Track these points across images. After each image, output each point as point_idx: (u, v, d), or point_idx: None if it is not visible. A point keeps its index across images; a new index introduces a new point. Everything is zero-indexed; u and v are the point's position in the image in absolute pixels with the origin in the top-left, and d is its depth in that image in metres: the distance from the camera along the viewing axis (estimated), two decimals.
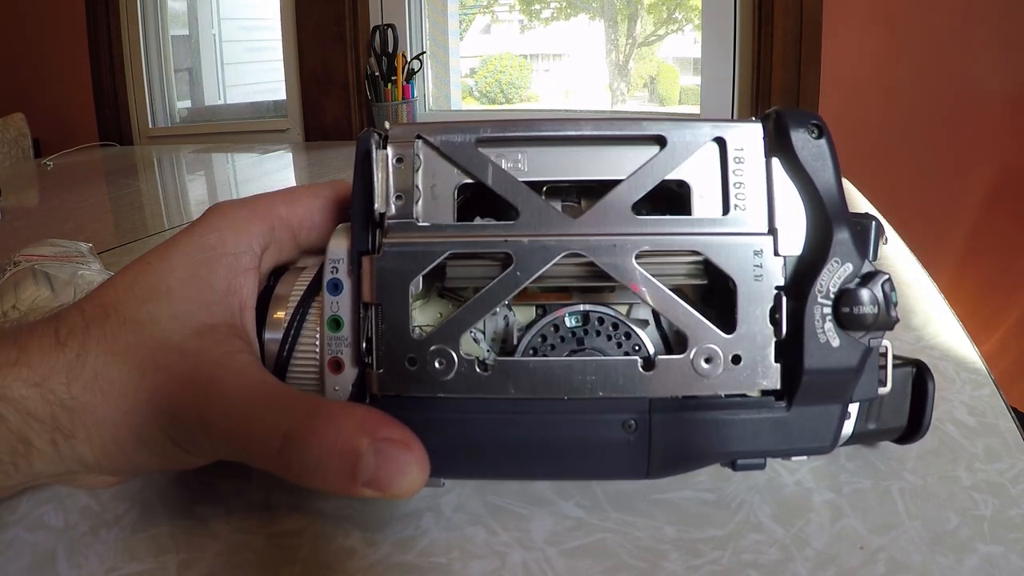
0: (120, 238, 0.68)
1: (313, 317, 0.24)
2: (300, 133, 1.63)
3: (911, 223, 0.72)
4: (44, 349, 0.21)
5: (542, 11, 1.73)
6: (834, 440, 0.23)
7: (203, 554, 0.22)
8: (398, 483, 0.19)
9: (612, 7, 1.66)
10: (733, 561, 0.21)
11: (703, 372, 0.22)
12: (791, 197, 0.22)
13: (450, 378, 0.22)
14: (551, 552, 0.22)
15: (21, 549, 0.22)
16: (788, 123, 0.22)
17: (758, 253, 0.22)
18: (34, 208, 0.92)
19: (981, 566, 0.21)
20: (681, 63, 1.67)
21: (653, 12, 1.66)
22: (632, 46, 1.68)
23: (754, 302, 0.22)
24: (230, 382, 0.21)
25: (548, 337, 0.23)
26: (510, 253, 0.22)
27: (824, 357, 0.22)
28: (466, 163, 0.22)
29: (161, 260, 0.23)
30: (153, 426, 0.21)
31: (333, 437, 0.19)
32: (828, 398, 0.22)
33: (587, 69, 1.74)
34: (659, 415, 0.22)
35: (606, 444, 0.22)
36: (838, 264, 0.22)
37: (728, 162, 0.22)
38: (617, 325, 0.23)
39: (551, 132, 0.23)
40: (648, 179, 0.22)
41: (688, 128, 0.22)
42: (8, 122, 1.55)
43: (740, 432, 0.22)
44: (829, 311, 0.22)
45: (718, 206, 0.23)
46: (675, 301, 0.22)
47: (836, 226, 0.22)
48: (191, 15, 1.86)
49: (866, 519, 0.23)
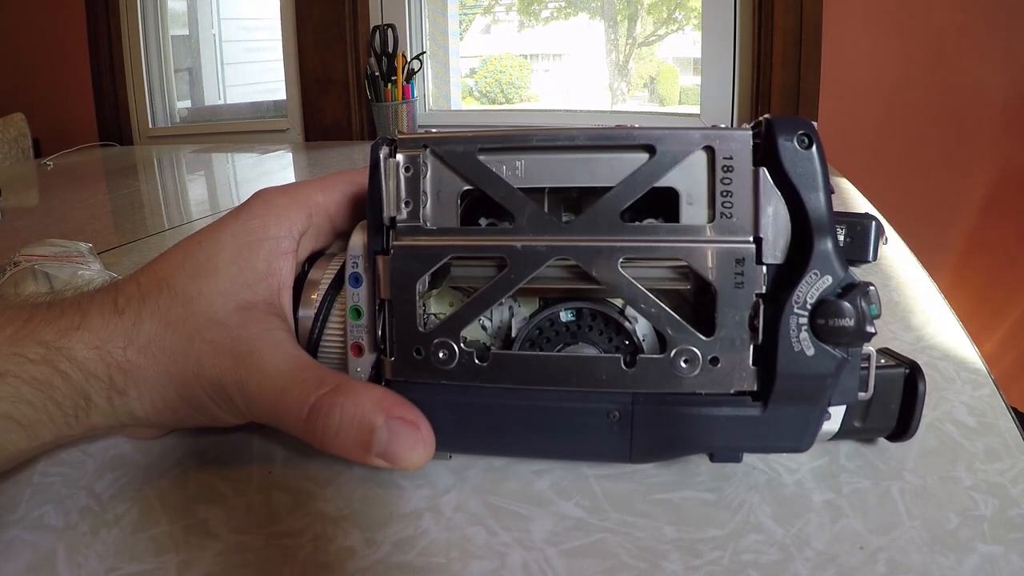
0: (120, 238, 0.68)
1: (340, 303, 0.27)
2: (300, 133, 1.63)
3: (911, 223, 0.72)
4: (104, 316, 0.24)
5: (541, 11, 1.73)
6: (809, 441, 0.24)
7: (203, 554, 0.22)
8: (405, 457, 0.23)
9: (612, 7, 1.66)
10: (733, 561, 0.21)
11: (681, 372, 0.23)
12: (778, 206, 0.23)
13: (452, 367, 0.24)
14: (551, 552, 0.22)
15: (21, 549, 0.22)
16: (777, 132, 0.22)
17: (740, 261, 0.23)
18: (34, 208, 0.92)
19: (981, 566, 0.21)
20: (681, 63, 1.67)
21: (653, 12, 1.66)
22: (632, 46, 1.68)
23: (734, 307, 0.23)
24: (267, 355, 0.24)
25: (544, 330, 0.25)
26: (505, 257, 0.24)
27: (798, 364, 0.22)
28: (468, 172, 0.24)
29: (209, 241, 0.26)
30: (197, 389, 0.24)
31: (352, 412, 0.22)
32: (804, 401, 0.23)
33: (587, 69, 1.74)
34: (641, 407, 0.24)
35: (592, 431, 0.24)
36: (817, 276, 0.22)
37: (716, 171, 0.23)
38: (608, 321, 0.25)
39: (547, 142, 0.24)
40: (637, 187, 0.23)
41: (678, 137, 0.23)
42: (8, 122, 1.55)
43: (717, 428, 0.24)
44: (805, 321, 0.22)
45: (705, 213, 0.23)
46: (656, 304, 0.23)
47: (818, 238, 0.22)
48: (191, 15, 1.86)
49: (866, 519, 0.23)
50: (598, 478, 0.25)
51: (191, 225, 0.73)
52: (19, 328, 0.23)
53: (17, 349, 0.22)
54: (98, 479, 0.26)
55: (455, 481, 0.25)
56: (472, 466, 0.26)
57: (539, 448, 0.26)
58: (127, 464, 0.27)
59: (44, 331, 0.23)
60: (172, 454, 0.28)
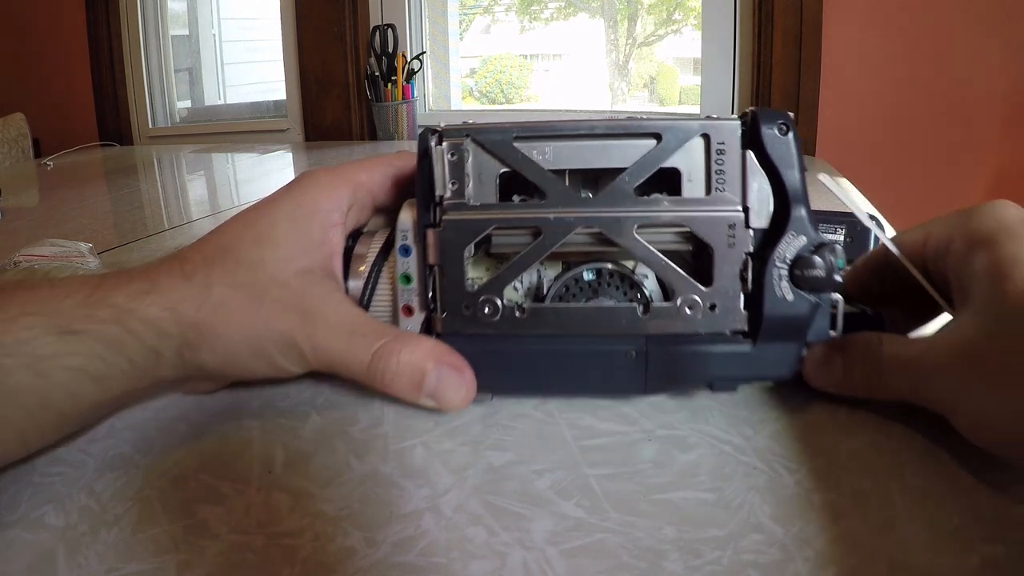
0: (120, 238, 0.68)
1: (385, 273, 0.31)
2: (300, 133, 1.63)
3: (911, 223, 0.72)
4: (173, 281, 0.26)
5: (541, 11, 1.72)
6: (792, 370, 0.29)
7: (203, 554, 0.22)
8: (451, 398, 0.28)
9: (612, 7, 1.66)
10: (733, 561, 0.21)
11: (686, 316, 0.29)
12: (762, 182, 0.28)
13: (496, 320, 0.29)
14: (551, 552, 0.22)
15: (21, 549, 0.22)
16: (760, 122, 0.28)
17: (732, 226, 0.28)
18: (34, 208, 0.92)
19: (981, 566, 0.21)
20: (681, 63, 1.67)
21: (653, 12, 1.66)
22: (632, 46, 1.68)
23: (728, 263, 0.28)
24: (332, 312, 0.28)
25: (570, 287, 0.30)
26: (539, 226, 0.28)
27: (780, 308, 0.28)
28: (505, 156, 0.29)
29: (266, 213, 0.29)
30: (267, 344, 0.27)
31: (408, 359, 0.27)
32: (786, 338, 0.29)
33: (587, 69, 1.74)
34: (654, 347, 0.29)
35: (613, 368, 0.29)
36: (794, 236, 0.28)
37: (711, 153, 0.28)
38: (623, 278, 0.30)
39: (571, 131, 0.29)
40: (647, 167, 0.28)
41: (680, 126, 0.28)
42: (8, 122, 1.55)
43: (716, 361, 0.29)
44: (785, 273, 0.28)
45: (703, 188, 0.28)
46: (665, 263, 0.29)
47: (794, 206, 0.28)
48: (191, 15, 1.86)
49: (866, 519, 0.23)
50: (598, 478, 0.25)
51: (191, 225, 0.73)
52: (90, 293, 0.25)
53: (89, 312, 0.24)
54: (98, 479, 0.26)
55: (455, 481, 0.25)
56: (472, 466, 0.26)
57: (568, 386, 0.30)
58: (127, 464, 0.27)
59: (114, 296, 0.25)
60: (172, 454, 0.28)
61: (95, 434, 0.29)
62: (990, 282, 0.24)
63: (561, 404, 0.31)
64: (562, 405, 0.31)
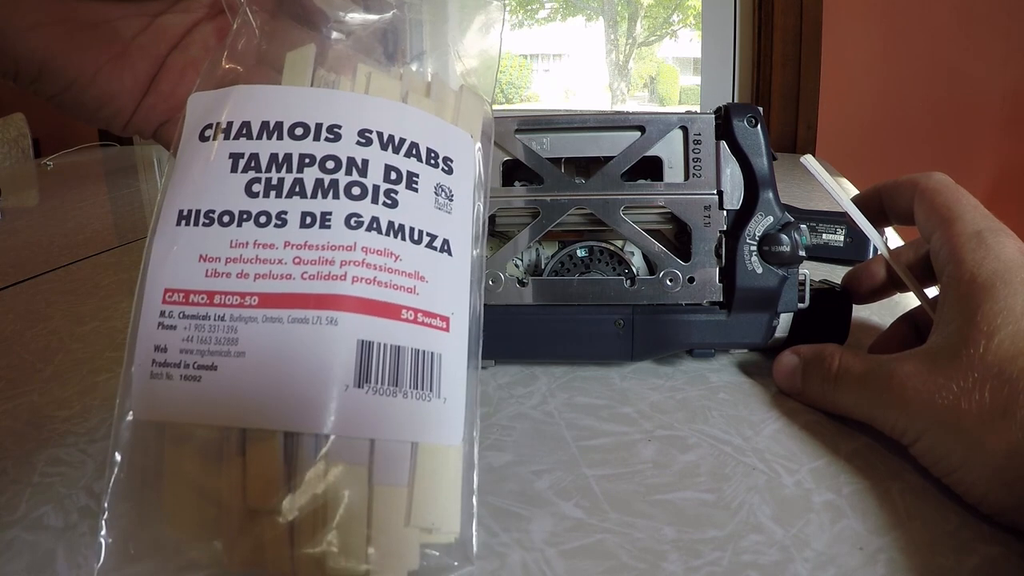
0: (120, 238, 0.68)
1: None
2: None
3: None
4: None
5: (539, 11, 1.72)
6: (765, 338, 0.33)
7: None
8: None
9: (612, 7, 1.66)
10: (733, 562, 0.21)
11: (667, 288, 0.33)
12: (734, 168, 0.32)
13: (500, 291, 0.33)
14: (551, 553, 0.22)
15: (21, 549, 0.22)
16: (732, 115, 0.32)
17: (708, 208, 0.32)
18: (34, 208, 0.91)
19: (981, 566, 0.21)
20: (681, 63, 1.67)
21: (653, 13, 1.66)
22: (632, 46, 1.68)
23: (704, 241, 0.32)
24: None
25: (565, 263, 0.34)
26: (537, 208, 0.33)
27: (751, 280, 0.32)
28: (508, 146, 0.33)
29: None
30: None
31: None
32: (758, 308, 0.32)
33: (587, 69, 1.74)
34: (640, 316, 0.33)
35: (603, 336, 0.33)
36: (762, 216, 0.31)
37: (689, 144, 0.32)
38: (612, 255, 0.34)
39: (566, 124, 0.33)
40: (632, 156, 0.33)
41: (661, 119, 0.32)
42: (8, 122, 1.55)
43: (695, 329, 0.33)
44: (755, 248, 0.31)
45: (681, 174, 0.33)
46: (649, 240, 0.33)
47: (762, 190, 0.31)
48: None
49: (866, 519, 0.23)
50: (598, 478, 0.25)
51: None
52: None
53: None
54: (98, 479, 0.26)
55: None
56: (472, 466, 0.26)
57: (563, 352, 0.33)
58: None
59: None
60: None
61: (95, 434, 0.29)
62: (959, 326, 0.24)
63: (561, 404, 0.31)
64: (562, 405, 0.31)
